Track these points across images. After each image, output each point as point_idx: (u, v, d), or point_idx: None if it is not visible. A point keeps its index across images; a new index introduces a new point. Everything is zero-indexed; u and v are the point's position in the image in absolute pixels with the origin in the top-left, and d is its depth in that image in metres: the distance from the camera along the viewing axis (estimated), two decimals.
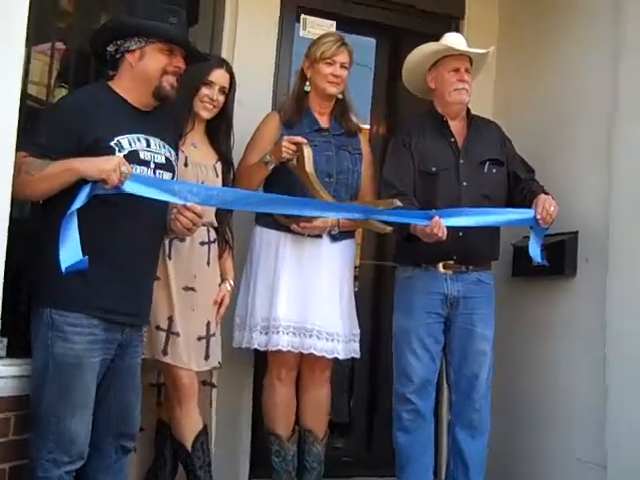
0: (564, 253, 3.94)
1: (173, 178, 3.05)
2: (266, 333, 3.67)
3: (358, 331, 3.87)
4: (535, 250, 3.50)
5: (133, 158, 2.85)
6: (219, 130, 3.61)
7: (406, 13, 4.77)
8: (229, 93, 3.58)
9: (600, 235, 3.83)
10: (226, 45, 4.29)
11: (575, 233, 3.96)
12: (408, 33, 4.82)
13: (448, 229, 3.41)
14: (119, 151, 2.84)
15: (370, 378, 4.80)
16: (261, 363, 4.04)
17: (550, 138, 4.28)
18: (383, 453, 4.35)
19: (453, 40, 3.93)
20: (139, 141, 2.93)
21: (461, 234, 3.64)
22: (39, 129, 2.88)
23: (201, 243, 3.48)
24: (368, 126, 4.81)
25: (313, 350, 3.66)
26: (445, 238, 3.43)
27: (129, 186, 2.72)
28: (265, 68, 4.35)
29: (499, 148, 3.94)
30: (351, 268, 3.96)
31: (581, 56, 4.17)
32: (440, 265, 3.76)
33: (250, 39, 4.29)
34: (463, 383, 3.80)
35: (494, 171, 3.87)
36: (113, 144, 2.84)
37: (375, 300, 4.83)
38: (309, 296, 3.70)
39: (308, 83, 3.89)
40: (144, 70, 2.95)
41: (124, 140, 2.88)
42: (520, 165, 3.95)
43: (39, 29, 3.35)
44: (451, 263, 3.77)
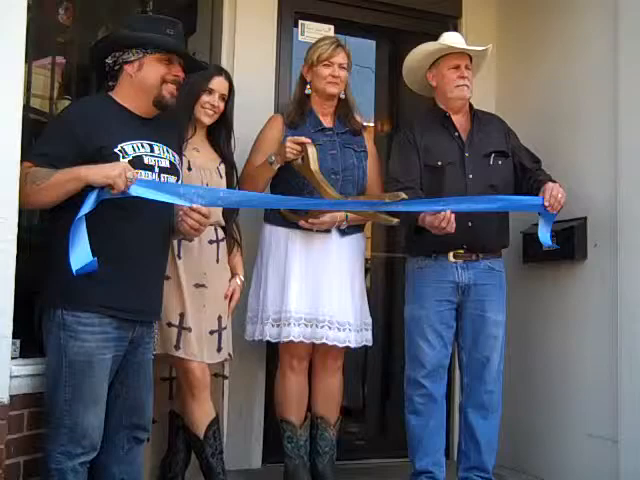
0: (574, 238, 3.99)
1: (178, 181, 3.08)
2: (277, 325, 3.73)
3: (370, 320, 3.91)
4: (545, 235, 3.50)
5: (138, 163, 2.89)
6: (220, 134, 3.69)
7: (403, 15, 4.81)
8: (228, 99, 3.67)
9: (608, 220, 3.89)
10: (226, 52, 4.34)
11: (584, 219, 4.01)
12: (406, 33, 4.86)
13: (457, 218, 3.42)
14: (123, 157, 2.87)
15: (383, 365, 4.90)
16: (273, 355, 4.13)
17: (555, 128, 4.31)
18: (395, 436, 4.45)
19: (452, 39, 3.95)
20: (143, 147, 2.96)
21: (470, 224, 3.66)
22: (43, 139, 2.93)
23: (210, 242, 3.55)
24: (372, 124, 4.84)
25: (325, 340, 3.71)
26: (453, 231, 3.45)
27: (135, 190, 2.75)
28: (265, 73, 4.39)
29: (503, 140, 3.95)
30: (361, 261, 3.98)
31: (581, 45, 4.21)
32: (450, 255, 3.78)
33: (249, 46, 4.33)
34: (475, 365, 3.82)
35: (500, 163, 3.88)
36: (117, 151, 2.88)
37: (386, 290, 4.91)
38: (320, 289, 3.75)
39: (309, 87, 3.92)
40: (143, 80, 2.99)
41: (128, 146, 2.91)
42: (526, 155, 3.96)
43: (39, 44, 3.42)
44: (461, 252, 3.78)
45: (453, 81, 3.87)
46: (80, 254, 2.64)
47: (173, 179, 3.04)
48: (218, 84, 3.61)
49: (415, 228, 3.67)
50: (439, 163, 3.82)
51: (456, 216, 3.43)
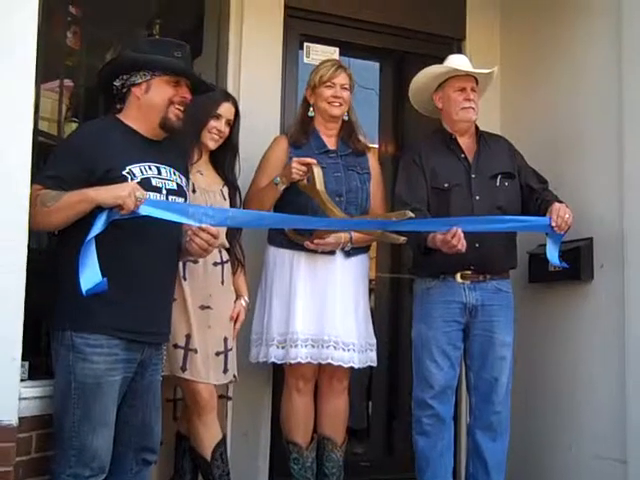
0: (580, 259, 3.99)
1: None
2: (283, 347, 3.73)
3: (374, 341, 3.91)
4: (553, 255, 3.51)
5: (145, 185, 2.88)
6: (224, 158, 3.72)
7: (407, 37, 4.85)
8: (234, 124, 3.70)
9: (615, 241, 3.89)
10: (232, 75, 4.35)
11: (590, 239, 4.01)
12: (410, 55, 4.91)
13: (465, 239, 3.42)
14: (131, 179, 2.88)
15: (389, 386, 4.89)
16: (279, 376, 4.12)
17: (560, 149, 4.31)
18: (401, 457, 4.46)
19: (457, 61, 3.98)
20: (150, 169, 2.96)
21: (477, 245, 3.66)
22: (52, 162, 2.94)
23: (214, 264, 3.56)
24: (377, 145, 4.86)
25: (330, 360, 3.71)
26: (464, 250, 3.45)
27: (145, 210, 2.76)
28: (271, 95, 4.41)
29: (509, 161, 3.96)
30: (365, 282, 3.99)
31: (584, 65, 4.23)
32: (458, 275, 3.78)
33: (255, 68, 4.35)
34: (483, 386, 3.82)
35: (506, 184, 3.89)
36: (125, 173, 2.88)
37: (391, 311, 4.90)
38: (324, 310, 3.75)
39: (312, 109, 3.94)
40: (151, 102, 3.00)
41: (136, 169, 2.92)
42: (532, 176, 3.97)
43: (47, 67, 3.42)
44: (468, 273, 3.78)
45: (459, 103, 3.89)
46: (90, 274, 2.64)
47: (180, 200, 3.04)
48: (225, 110, 3.64)
49: (424, 249, 3.66)
50: (446, 185, 3.83)
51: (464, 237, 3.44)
